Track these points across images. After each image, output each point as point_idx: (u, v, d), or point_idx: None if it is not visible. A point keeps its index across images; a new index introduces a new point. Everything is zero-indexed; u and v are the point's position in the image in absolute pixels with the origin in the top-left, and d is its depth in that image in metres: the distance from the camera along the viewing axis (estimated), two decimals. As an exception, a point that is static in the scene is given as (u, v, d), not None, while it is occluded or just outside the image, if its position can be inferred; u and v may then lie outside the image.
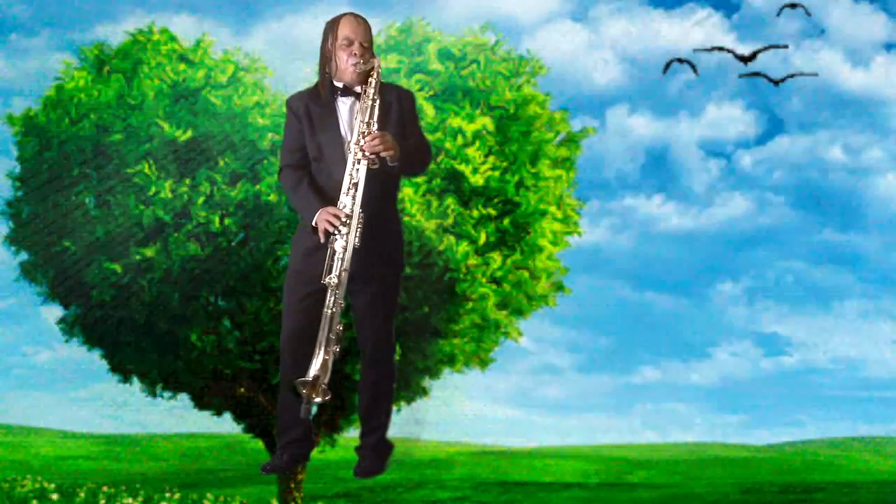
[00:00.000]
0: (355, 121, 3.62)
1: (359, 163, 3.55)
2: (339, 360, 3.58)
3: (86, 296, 13.20)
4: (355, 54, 3.63)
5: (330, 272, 3.51)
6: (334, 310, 3.50)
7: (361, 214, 3.53)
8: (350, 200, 3.54)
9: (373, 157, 3.54)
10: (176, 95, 13.17)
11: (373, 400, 3.82)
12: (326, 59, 3.69)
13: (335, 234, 3.53)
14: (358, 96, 3.66)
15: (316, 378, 3.50)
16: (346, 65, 3.64)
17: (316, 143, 3.66)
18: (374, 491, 28.56)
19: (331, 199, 3.59)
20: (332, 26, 3.68)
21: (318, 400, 3.53)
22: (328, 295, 3.51)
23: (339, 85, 3.68)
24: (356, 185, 3.54)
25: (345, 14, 3.70)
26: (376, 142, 3.52)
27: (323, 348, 3.50)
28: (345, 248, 3.52)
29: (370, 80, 3.61)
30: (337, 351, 3.53)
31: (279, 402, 3.83)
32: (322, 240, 3.55)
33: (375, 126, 3.57)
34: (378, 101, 3.59)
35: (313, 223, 3.57)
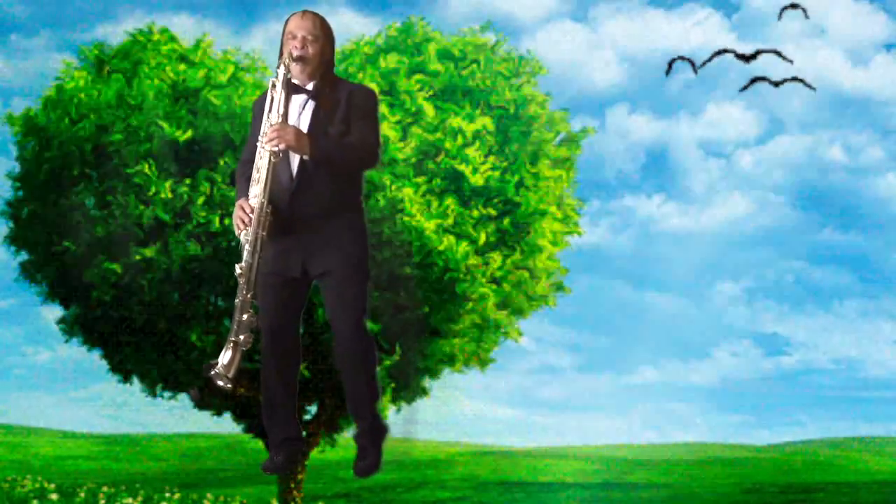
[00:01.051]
0: (299, 118, 3.65)
1: (261, 157, 3.60)
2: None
3: (86, 296, 13.20)
4: (297, 47, 3.65)
5: (239, 262, 3.59)
6: (241, 299, 3.58)
7: (269, 206, 3.57)
8: (255, 191, 3.60)
9: (274, 149, 3.57)
10: (176, 95, 13.17)
11: (355, 395, 3.83)
12: (280, 56, 3.73)
13: (244, 226, 3.60)
14: (307, 93, 3.68)
15: (213, 365, 3.57)
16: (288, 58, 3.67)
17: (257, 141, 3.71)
18: (374, 491, 28.56)
19: (271, 192, 3.63)
20: (284, 25, 3.73)
21: (221, 384, 3.58)
22: (238, 286, 3.59)
23: (295, 82, 3.69)
24: (259, 175, 3.59)
25: (294, 12, 3.74)
26: (273, 133, 3.56)
27: (231, 339, 3.58)
28: (247, 240, 3.58)
29: (278, 70, 3.64)
30: (243, 341, 3.58)
31: (264, 402, 3.84)
32: (236, 233, 3.64)
33: (281, 118, 3.60)
34: (283, 92, 3.62)
35: None
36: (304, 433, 12.41)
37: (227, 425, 15.18)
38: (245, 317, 3.58)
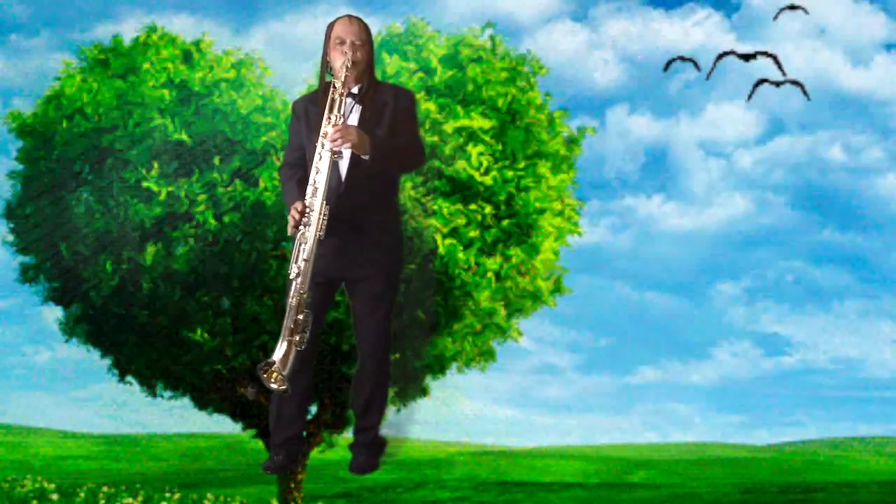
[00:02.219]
0: (348, 121, 3.67)
1: (321, 156, 3.62)
2: (336, 360, 3.62)
3: (86, 296, 13.21)
4: (345, 53, 3.69)
5: (294, 262, 3.58)
6: (297, 299, 3.57)
7: (327, 207, 3.58)
8: (313, 192, 3.61)
9: (337, 149, 3.59)
10: (176, 96, 13.18)
11: (370, 397, 3.85)
12: (324, 61, 3.78)
13: (300, 227, 3.59)
14: (353, 97, 3.72)
15: (272, 364, 3.56)
16: (338, 64, 3.70)
17: (309, 141, 3.73)
18: (374, 491, 28.57)
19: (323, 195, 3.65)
20: (328, 29, 3.77)
21: (273, 386, 3.59)
22: (291, 285, 3.58)
23: (336, 84, 3.71)
24: (319, 176, 3.60)
25: (341, 16, 3.78)
26: (336, 134, 3.57)
27: (285, 337, 3.57)
28: (306, 239, 3.58)
29: (340, 73, 3.66)
30: (298, 341, 3.58)
31: (274, 398, 3.85)
32: (289, 232, 3.63)
33: (343, 119, 3.63)
34: (345, 94, 3.65)
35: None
36: (304, 433, 12.41)
37: (227, 425, 15.18)
38: (301, 316, 3.58)
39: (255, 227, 12.82)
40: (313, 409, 14.67)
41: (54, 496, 13.69)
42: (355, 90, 3.74)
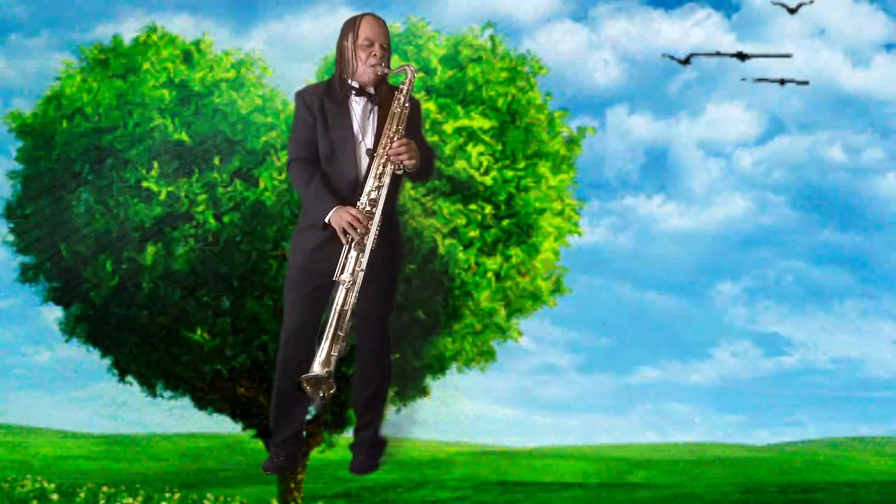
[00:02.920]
0: (367, 121, 3.64)
1: (384, 167, 3.57)
2: (337, 360, 3.60)
3: (86, 296, 13.21)
4: (375, 55, 3.64)
5: (343, 271, 3.53)
6: (347, 308, 3.52)
7: (381, 217, 3.56)
8: (371, 203, 3.56)
9: (398, 162, 3.56)
10: (176, 96, 13.18)
11: (371, 397, 3.85)
12: (344, 57, 3.70)
13: (353, 235, 3.54)
14: (370, 97, 3.67)
15: (328, 375, 3.54)
16: (366, 65, 3.65)
17: (328, 140, 3.65)
18: (374, 491, 28.57)
19: (340, 197, 3.61)
20: (351, 25, 3.69)
21: (330, 393, 3.57)
22: (339, 292, 3.52)
23: (355, 84, 3.68)
24: (380, 188, 3.56)
25: (365, 14, 3.70)
26: (403, 149, 3.55)
27: (330, 343, 3.53)
28: (361, 249, 3.54)
29: (402, 86, 3.62)
30: (343, 349, 3.55)
31: (276, 398, 3.83)
32: (343, 240, 3.56)
33: (401, 133, 3.59)
34: (407, 108, 3.61)
35: (326, 220, 3.57)
36: (304, 433, 12.40)
37: (227, 425, 15.18)
38: (348, 326, 3.55)
39: (255, 227, 12.82)
40: (313, 408, 14.68)
41: (54, 496, 13.69)
42: (371, 90, 3.69)
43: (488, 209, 13.16)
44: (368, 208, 3.55)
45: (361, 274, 3.53)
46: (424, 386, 14.56)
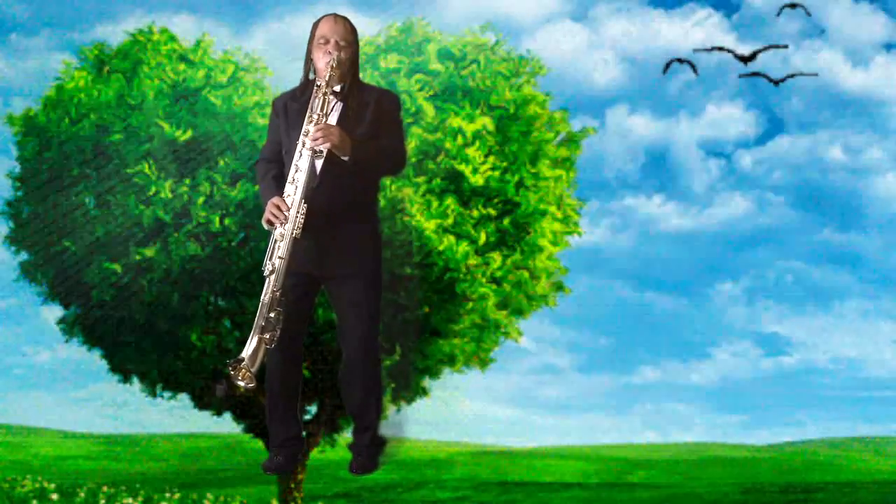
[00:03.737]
0: (315, 115, 3.67)
1: (303, 154, 3.62)
2: (336, 360, 3.61)
3: (86, 296, 13.21)
4: (329, 52, 3.69)
5: (269, 259, 3.57)
6: (269, 296, 3.56)
7: (304, 205, 3.58)
8: (292, 189, 3.60)
9: (317, 148, 3.60)
10: (176, 95, 13.18)
11: (363, 398, 3.84)
12: (307, 59, 3.78)
13: (276, 224, 3.59)
14: (336, 94, 3.73)
15: (241, 361, 3.56)
16: (321, 63, 3.70)
17: (288, 137, 3.73)
18: (373, 491, 28.58)
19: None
20: (312, 28, 3.77)
21: (241, 383, 3.58)
22: (266, 282, 3.57)
23: (319, 83, 3.72)
24: (299, 174, 3.60)
25: (325, 15, 3.77)
26: (318, 133, 3.58)
27: (256, 334, 3.57)
28: (282, 237, 3.57)
29: (324, 72, 3.67)
30: (268, 339, 3.58)
31: (268, 401, 3.85)
32: (266, 228, 3.63)
33: (326, 119, 3.63)
34: (328, 93, 3.65)
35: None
36: (304, 433, 12.41)
37: (227, 425, 15.19)
38: (272, 314, 3.58)
39: (256, 227, 12.82)
40: (313, 408, 14.68)
41: (54, 496, 13.69)
42: (337, 88, 3.74)
43: (488, 209, 13.16)
44: (291, 197, 3.60)
45: (281, 262, 3.55)
46: (424, 386, 14.57)
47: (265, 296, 3.56)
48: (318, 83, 3.66)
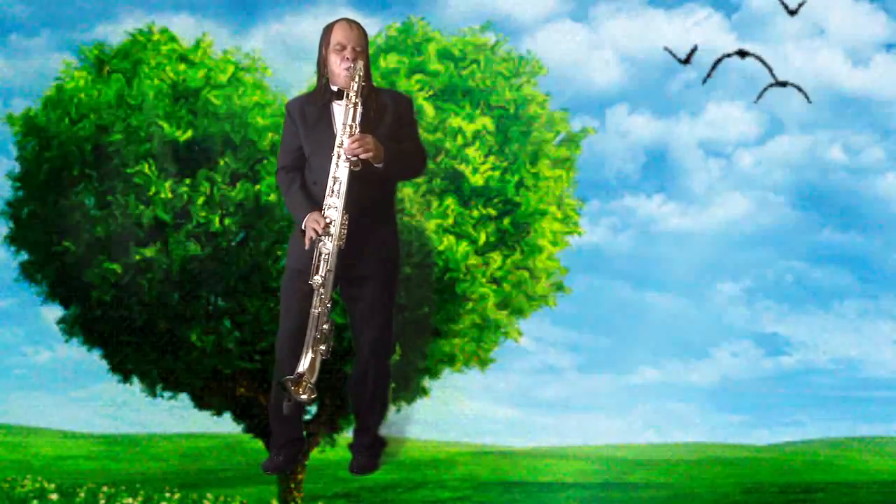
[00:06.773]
0: (348, 126, 3.66)
1: (339, 165, 3.62)
2: (336, 359, 3.62)
3: (86, 296, 13.21)
4: (347, 58, 3.70)
5: (316, 273, 3.58)
6: (320, 310, 3.57)
7: (346, 216, 3.59)
8: (334, 201, 3.60)
9: (354, 158, 3.59)
10: (176, 95, 13.18)
11: (370, 399, 3.85)
12: (322, 63, 3.77)
13: (320, 237, 3.59)
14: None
15: (301, 376, 3.57)
16: (339, 69, 3.71)
17: (309, 143, 3.74)
18: (374, 491, 28.57)
19: (317, 200, 3.67)
20: (326, 32, 3.78)
21: (304, 398, 3.59)
22: (314, 295, 3.58)
23: (335, 88, 3.74)
24: (339, 186, 3.60)
25: (339, 20, 3.77)
26: (356, 144, 3.58)
27: (311, 348, 3.58)
28: (330, 251, 3.58)
29: (352, 83, 3.66)
30: (324, 350, 3.59)
31: (273, 401, 3.85)
32: (307, 245, 3.62)
33: (358, 129, 3.62)
34: (359, 103, 3.65)
35: (302, 227, 3.65)
36: (304, 433, 12.41)
37: (227, 425, 15.18)
38: (326, 326, 3.59)
39: (255, 227, 12.82)
40: (313, 408, 14.67)
41: (54, 496, 13.68)
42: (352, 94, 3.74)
43: (488, 209, 13.16)
44: (332, 209, 3.60)
45: (331, 275, 3.57)
46: (424, 386, 14.57)
47: (315, 309, 3.57)
48: (348, 94, 3.64)
